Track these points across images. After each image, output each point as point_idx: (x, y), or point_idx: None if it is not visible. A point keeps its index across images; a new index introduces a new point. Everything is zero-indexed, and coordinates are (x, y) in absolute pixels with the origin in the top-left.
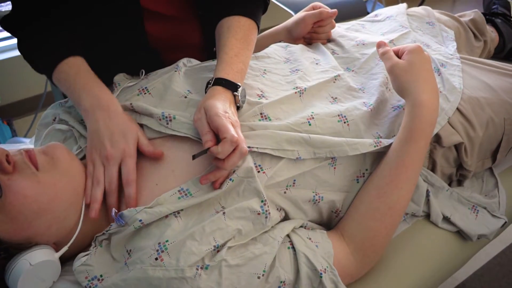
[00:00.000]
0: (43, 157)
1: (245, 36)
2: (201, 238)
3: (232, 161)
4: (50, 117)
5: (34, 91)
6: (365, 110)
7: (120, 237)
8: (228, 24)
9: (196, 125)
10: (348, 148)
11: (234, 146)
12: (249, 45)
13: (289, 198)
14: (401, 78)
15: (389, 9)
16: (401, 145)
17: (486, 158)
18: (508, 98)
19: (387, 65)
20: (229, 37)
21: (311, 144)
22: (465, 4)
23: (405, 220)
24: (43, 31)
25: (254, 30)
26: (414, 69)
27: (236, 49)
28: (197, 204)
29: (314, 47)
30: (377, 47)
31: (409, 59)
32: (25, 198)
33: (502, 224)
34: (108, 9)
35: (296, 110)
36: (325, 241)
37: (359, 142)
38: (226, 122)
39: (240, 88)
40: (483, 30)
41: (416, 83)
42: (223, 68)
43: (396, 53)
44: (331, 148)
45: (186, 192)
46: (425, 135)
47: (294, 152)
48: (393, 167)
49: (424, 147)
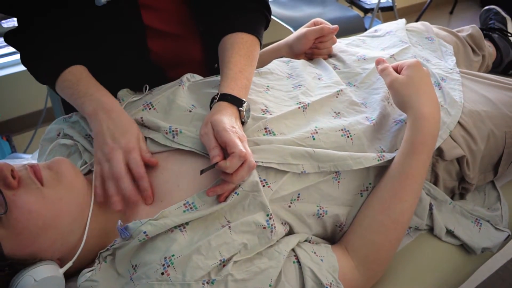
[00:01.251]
0: (48, 172)
1: (249, 52)
2: (207, 253)
3: (240, 175)
4: (54, 132)
5: (34, 107)
6: (368, 124)
7: (125, 251)
8: (232, 40)
9: (203, 139)
10: (352, 162)
11: (242, 160)
12: (253, 61)
13: (294, 212)
14: (401, 92)
15: (389, 25)
16: (403, 158)
17: (487, 172)
18: (508, 111)
19: (387, 81)
20: (233, 53)
21: (316, 158)
22: (461, 20)
23: (408, 234)
24: (48, 43)
25: (257, 46)
26: (414, 83)
27: (240, 65)
28: (202, 218)
29: (316, 62)
30: (376, 64)
31: (408, 73)
32: (30, 214)
33: (505, 237)
34: (112, 26)
35: (300, 125)
36: (330, 255)
37: (363, 156)
38: (234, 137)
39: (245, 104)
40: (481, 45)
41: (416, 96)
42: (228, 84)
43: (395, 69)
44: (335, 162)
45: (191, 205)
46: (427, 148)
47: (299, 166)
48: (396, 181)
49: (427, 159)
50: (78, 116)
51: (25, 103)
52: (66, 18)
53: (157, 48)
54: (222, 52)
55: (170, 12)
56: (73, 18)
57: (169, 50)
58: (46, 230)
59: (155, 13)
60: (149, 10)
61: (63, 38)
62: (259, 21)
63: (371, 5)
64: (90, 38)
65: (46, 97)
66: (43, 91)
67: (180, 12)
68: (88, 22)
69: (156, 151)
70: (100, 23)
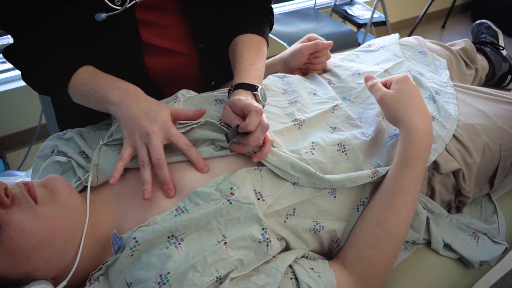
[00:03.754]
0: (42, 190)
1: (258, 49)
2: (203, 269)
3: (255, 137)
4: (48, 149)
5: (28, 124)
6: (363, 139)
7: (118, 267)
8: (242, 40)
9: (224, 119)
10: (347, 182)
11: (260, 115)
12: (263, 56)
13: (289, 228)
14: (392, 107)
15: (382, 39)
16: (397, 172)
17: (483, 184)
18: (502, 124)
19: (376, 96)
20: (244, 50)
21: (314, 178)
22: (453, 34)
23: (406, 248)
24: (50, 56)
25: (265, 44)
26: (403, 97)
27: (251, 59)
28: (197, 232)
29: (311, 78)
30: (365, 81)
31: (397, 88)
32: (23, 232)
33: (503, 250)
34: (109, 42)
35: (296, 141)
36: (327, 271)
37: (358, 176)
38: (249, 102)
39: (259, 88)
40: (473, 58)
41: (407, 110)
42: (241, 75)
43: (384, 84)
44: (332, 183)
45: (182, 209)
46: (421, 160)
47: (295, 177)
48: (391, 194)
49: (421, 172)
50: (73, 133)
51: (19, 120)
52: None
53: (154, 64)
54: (233, 50)
55: (169, 28)
56: (71, 34)
57: (166, 67)
58: (40, 249)
59: (153, 30)
60: (147, 26)
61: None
62: (265, 24)
63: (364, 20)
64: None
65: (40, 113)
66: (37, 107)
67: (179, 28)
68: (86, 37)
69: None
70: (98, 39)
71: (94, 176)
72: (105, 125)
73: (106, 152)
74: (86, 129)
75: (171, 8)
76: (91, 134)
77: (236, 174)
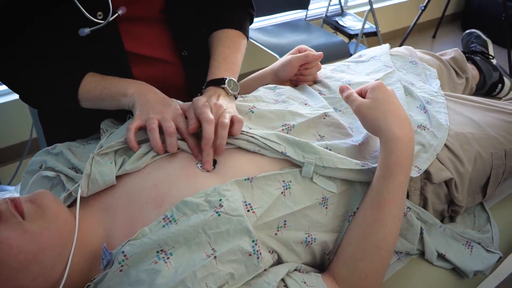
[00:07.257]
0: (29, 205)
1: (233, 43)
2: (193, 285)
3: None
4: (36, 164)
5: (19, 138)
6: (351, 144)
7: (106, 282)
8: (217, 35)
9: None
10: (336, 160)
11: (211, 124)
12: (238, 49)
13: (281, 240)
14: (369, 116)
15: (373, 50)
16: (380, 183)
17: (476, 193)
18: (493, 132)
19: (353, 107)
20: (218, 45)
21: (301, 148)
22: (443, 43)
23: (399, 259)
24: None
25: (242, 37)
26: (380, 105)
27: (224, 54)
28: (186, 246)
29: (301, 89)
30: (340, 92)
31: (373, 96)
32: (10, 249)
33: (497, 259)
34: (95, 55)
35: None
36: (320, 284)
37: (347, 159)
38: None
39: (226, 80)
40: (464, 67)
41: (384, 118)
42: (213, 71)
43: (359, 94)
44: (320, 155)
45: (170, 219)
46: (403, 169)
47: (281, 146)
48: (375, 206)
49: (404, 181)
50: (62, 147)
51: (10, 134)
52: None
53: (142, 75)
54: (210, 47)
55: (152, 37)
56: (54, 47)
57: (154, 77)
58: (27, 265)
59: (136, 39)
60: (129, 36)
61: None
62: (243, 18)
63: (355, 31)
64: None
65: (31, 128)
66: (28, 121)
67: (162, 37)
68: (72, 51)
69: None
70: (84, 53)
71: (85, 186)
72: (94, 139)
73: (99, 162)
74: (75, 142)
75: (153, 17)
76: (80, 148)
77: (226, 185)
